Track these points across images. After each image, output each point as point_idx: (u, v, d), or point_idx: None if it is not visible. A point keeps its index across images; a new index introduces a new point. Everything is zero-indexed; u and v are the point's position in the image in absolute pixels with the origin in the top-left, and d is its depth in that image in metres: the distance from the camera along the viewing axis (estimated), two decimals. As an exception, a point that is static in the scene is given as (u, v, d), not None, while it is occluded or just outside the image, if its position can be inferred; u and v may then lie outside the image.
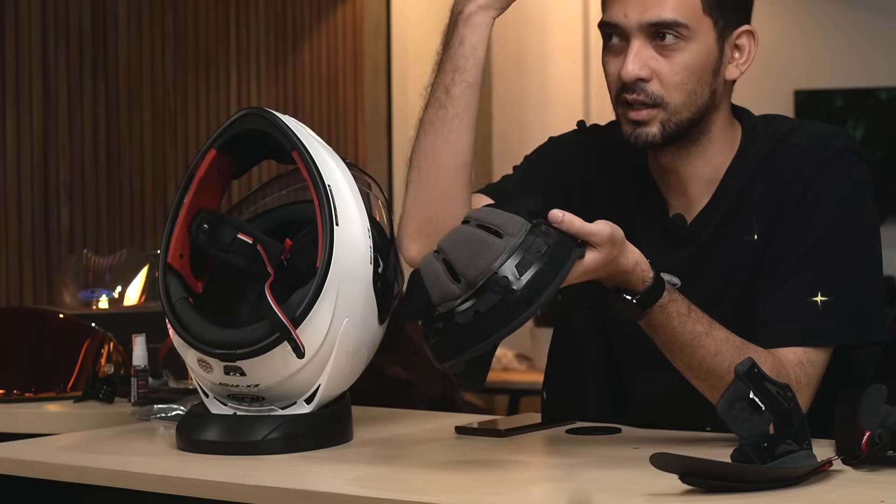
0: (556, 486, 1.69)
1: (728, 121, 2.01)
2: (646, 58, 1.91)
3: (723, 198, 1.98)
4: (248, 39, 5.18)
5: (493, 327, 1.64)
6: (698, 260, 1.97)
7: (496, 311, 1.63)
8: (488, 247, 1.64)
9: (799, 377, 1.86)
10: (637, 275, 1.76)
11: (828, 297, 1.89)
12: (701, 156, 1.99)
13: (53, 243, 4.46)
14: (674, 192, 2.02)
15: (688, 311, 1.81)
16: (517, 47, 6.05)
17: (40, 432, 2.23)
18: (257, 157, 1.98)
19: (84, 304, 3.03)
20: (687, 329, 1.81)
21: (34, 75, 4.42)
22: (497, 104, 6.09)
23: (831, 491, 1.55)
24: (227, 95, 5.07)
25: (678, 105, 1.92)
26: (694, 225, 2.00)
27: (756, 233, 1.95)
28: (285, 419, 1.86)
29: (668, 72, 1.91)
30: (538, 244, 1.64)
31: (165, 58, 4.85)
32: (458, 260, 1.65)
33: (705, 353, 1.82)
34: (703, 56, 1.93)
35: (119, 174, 4.69)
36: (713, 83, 1.95)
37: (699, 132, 1.97)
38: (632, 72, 1.91)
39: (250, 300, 1.93)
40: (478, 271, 1.63)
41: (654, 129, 1.93)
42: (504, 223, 1.66)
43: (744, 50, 1.98)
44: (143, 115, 4.77)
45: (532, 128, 6.02)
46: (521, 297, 1.63)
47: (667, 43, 1.91)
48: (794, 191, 1.94)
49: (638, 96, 1.91)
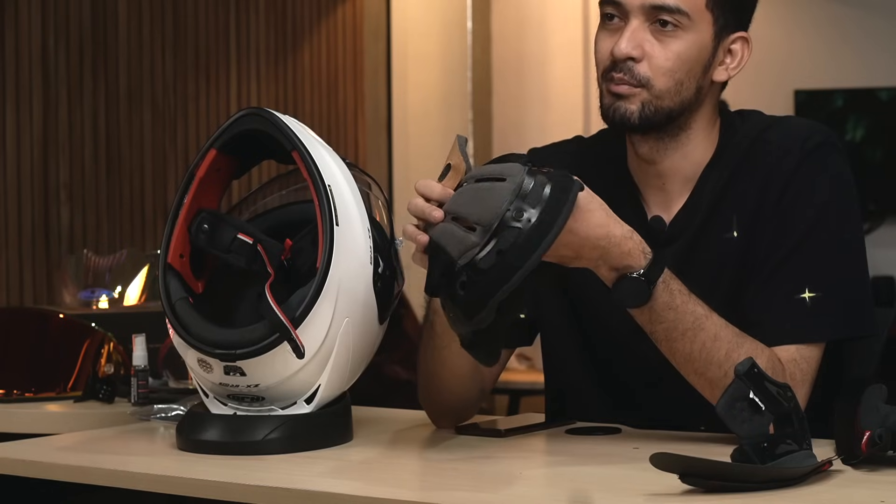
0: (556, 486, 1.69)
1: (710, 121, 2.01)
2: (641, 39, 1.92)
3: (700, 196, 1.99)
4: (248, 39, 5.18)
5: (519, 260, 1.65)
6: (681, 259, 1.96)
7: (518, 244, 1.65)
8: (494, 191, 1.67)
9: (794, 374, 1.87)
10: (636, 243, 1.77)
11: (816, 293, 1.90)
12: (678, 151, 1.99)
13: (53, 243, 4.46)
14: (651, 189, 2.02)
15: (688, 292, 1.81)
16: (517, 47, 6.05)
17: (40, 432, 2.23)
18: (257, 157, 1.98)
19: (84, 304, 3.03)
20: (689, 309, 1.80)
21: (34, 75, 4.42)
22: (497, 104, 6.09)
23: (831, 491, 1.55)
24: (227, 95, 5.08)
25: (662, 91, 1.93)
26: (673, 225, 2.00)
27: (735, 230, 1.95)
28: (285, 419, 1.86)
29: (661, 57, 1.92)
30: (540, 179, 1.67)
31: (165, 58, 4.85)
32: (469, 212, 1.67)
33: (706, 336, 1.81)
34: (696, 49, 1.93)
35: (119, 174, 4.69)
36: (701, 79, 1.95)
37: (678, 128, 1.97)
38: (624, 49, 1.92)
39: (250, 300, 1.93)
40: (491, 215, 1.65)
41: (633, 107, 1.93)
42: (501, 170, 1.69)
43: (736, 55, 1.98)
44: (143, 115, 4.77)
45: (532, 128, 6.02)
46: (540, 224, 1.65)
47: (665, 28, 1.92)
48: (775, 189, 1.94)
49: (624, 76, 1.92)
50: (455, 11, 6.00)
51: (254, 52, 5.20)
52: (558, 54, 5.97)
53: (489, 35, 6.09)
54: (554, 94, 5.99)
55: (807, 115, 5.27)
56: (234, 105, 5.07)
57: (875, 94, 5.47)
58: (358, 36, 5.72)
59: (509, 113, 6.08)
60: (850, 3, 5.58)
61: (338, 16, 5.62)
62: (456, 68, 6.01)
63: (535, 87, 6.03)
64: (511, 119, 6.08)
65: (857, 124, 5.45)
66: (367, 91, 5.75)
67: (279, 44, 5.32)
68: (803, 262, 1.91)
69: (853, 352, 2.03)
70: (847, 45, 5.56)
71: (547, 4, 6.00)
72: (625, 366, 2.03)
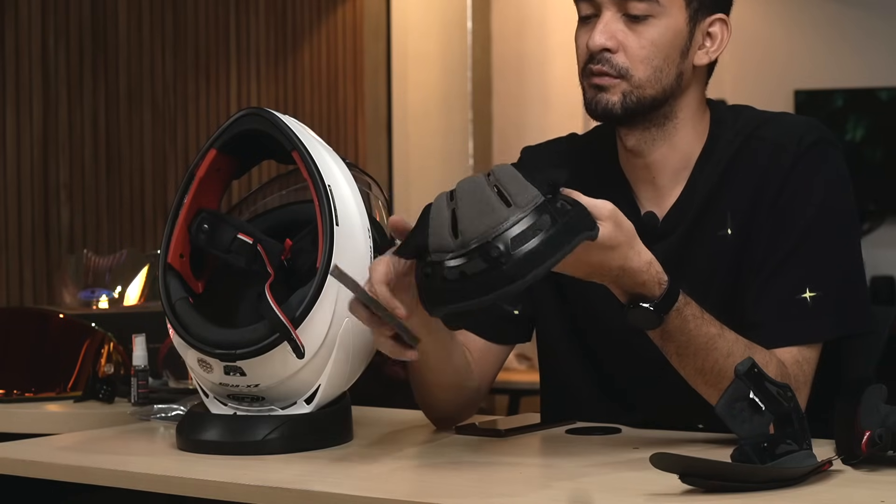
0: (556, 486, 1.69)
1: (698, 110, 2.01)
2: (614, 30, 1.93)
3: (693, 192, 1.98)
4: (248, 39, 5.18)
5: (474, 293, 1.62)
6: (673, 257, 1.94)
7: (480, 278, 1.61)
8: (493, 212, 1.61)
9: (797, 376, 1.87)
10: (652, 275, 1.73)
11: (816, 293, 1.90)
12: (667, 142, 1.99)
13: (53, 243, 4.46)
14: (642, 184, 2.02)
15: (701, 314, 1.79)
16: (517, 47, 6.05)
17: (40, 432, 2.23)
18: (257, 157, 1.98)
19: (84, 304, 3.03)
20: (702, 332, 1.78)
21: (34, 75, 4.43)
22: (497, 104, 6.09)
23: (831, 491, 1.55)
24: (227, 95, 5.08)
25: (642, 79, 1.93)
26: (666, 221, 2.00)
27: (729, 227, 1.95)
28: (285, 419, 1.86)
29: (636, 46, 1.93)
30: (543, 222, 1.61)
31: (165, 58, 4.85)
32: (463, 216, 1.63)
33: (718, 355, 1.80)
34: (670, 34, 1.94)
35: (119, 174, 4.69)
36: (680, 64, 1.96)
37: (664, 117, 1.97)
38: (598, 42, 1.93)
39: (250, 300, 1.93)
40: (474, 234, 1.61)
41: (615, 98, 1.94)
42: (516, 192, 1.62)
43: (715, 38, 1.99)
44: (143, 115, 4.77)
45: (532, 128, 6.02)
46: (507, 272, 1.60)
47: (636, 16, 1.92)
48: (771, 188, 1.94)
49: (603, 67, 1.93)
50: (455, 11, 6.00)
51: (254, 52, 5.20)
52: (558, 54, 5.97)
53: (489, 35, 6.09)
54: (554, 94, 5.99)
55: (807, 115, 5.28)
56: (234, 105, 5.07)
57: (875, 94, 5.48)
58: (358, 36, 5.72)
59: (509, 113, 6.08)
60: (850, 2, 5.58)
61: (338, 16, 5.62)
62: (456, 68, 6.01)
63: (535, 87, 6.03)
64: (511, 119, 6.08)
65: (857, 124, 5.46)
66: (367, 91, 5.75)
67: (279, 44, 5.32)
68: (803, 263, 1.91)
69: (852, 350, 2.03)
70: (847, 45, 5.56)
71: (547, 4, 6.00)
72: (622, 365, 2.03)
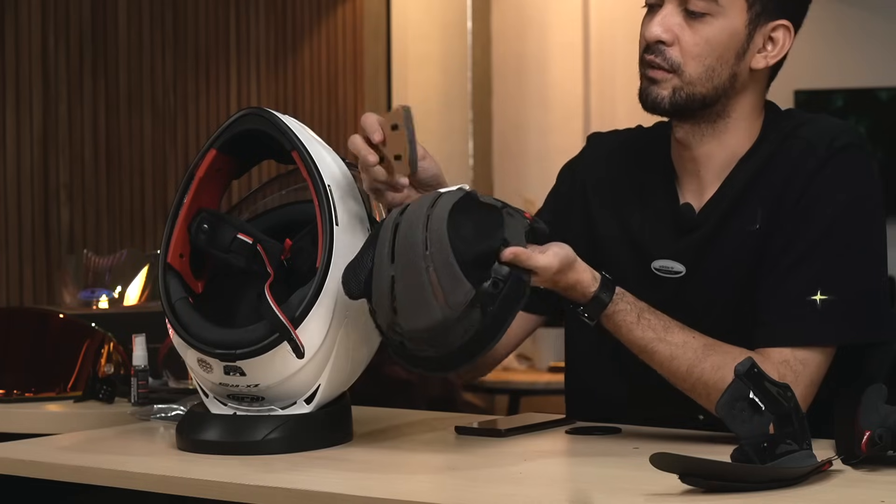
0: (556, 486, 1.69)
1: (753, 112, 2.02)
2: (671, 23, 1.95)
3: (731, 187, 1.99)
4: (248, 39, 5.18)
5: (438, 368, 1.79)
6: (704, 248, 1.98)
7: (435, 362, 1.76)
8: (428, 313, 1.70)
9: (784, 375, 1.85)
10: (578, 291, 1.84)
11: (828, 296, 1.89)
12: (715, 139, 2.00)
13: (53, 243, 4.46)
14: (688, 175, 2.04)
15: (637, 319, 1.86)
16: (517, 47, 6.06)
17: (40, 432, 2.23)
18: (257, 157, 1.98)
19: (84, 304, 3.03)
20: (636, 336, 1.87)
21: (34, 75, 4.43)
22: (497, 104, 6.09)
23: (831, 491, 1.55)
24: (227, 95, 5.08)
25: (693, 77, 1.95)
26: (702, 213, 2.00)
27: (759, 222, 1.95)
28: (285, 419, 1.86)
29: (690, 42, 1.95)
30: (473, 318, 1.71)
31: (165, 58, 4.85)
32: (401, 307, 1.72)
33: (661, 357, 1.88)
34: (726, 35, 1.95)
35: (119, 174, 4.69)
36: (735, 66, 1.97)
37: (716, 114, 1.99)
38: (654, 32, 1.95)
39: (250, 300, 1.93)
40: (414, 330, 1.72)
41: (664, 92, 1.96)
42: (450, 289, 1.70)
43: (777, 43, 2.00)
44: (143, 115, 4.77)
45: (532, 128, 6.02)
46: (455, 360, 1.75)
47: (695, 13, 1.94)
48: (796, 186, 1.94)
49: (656, 58, 1.96)
50: (455, 12, 6.00)
51: (254, 52, 5.21)
52: (558, 54, 5.97)
53: (489, 35, 6.09)
54: (554, 94, 5.99)
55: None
56: (234, 105, 5.07)
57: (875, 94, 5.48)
58: (358, 36, 5.72)
59: (509, 113, 6.08)
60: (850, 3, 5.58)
61: (338, 16, 5.62)
62: (456, 68, 6.01)
63: (535, 87, 6.04)
64: (511, 119, 6.08)
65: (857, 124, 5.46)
66: (367, 91, 5.75)
67: (279, 44, 5.32)
68: (817, 264, 1.90)
69: (868, 358, 2.01)
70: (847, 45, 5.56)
71: (547, 5, 6.00)
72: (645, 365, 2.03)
